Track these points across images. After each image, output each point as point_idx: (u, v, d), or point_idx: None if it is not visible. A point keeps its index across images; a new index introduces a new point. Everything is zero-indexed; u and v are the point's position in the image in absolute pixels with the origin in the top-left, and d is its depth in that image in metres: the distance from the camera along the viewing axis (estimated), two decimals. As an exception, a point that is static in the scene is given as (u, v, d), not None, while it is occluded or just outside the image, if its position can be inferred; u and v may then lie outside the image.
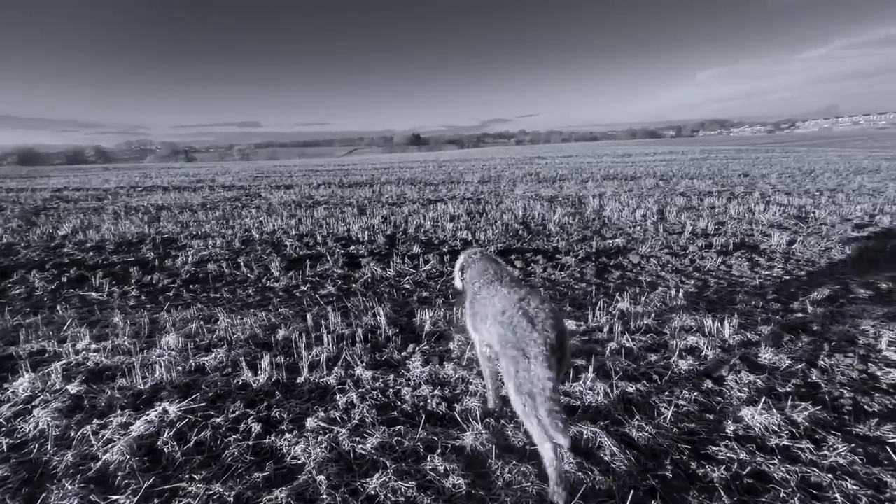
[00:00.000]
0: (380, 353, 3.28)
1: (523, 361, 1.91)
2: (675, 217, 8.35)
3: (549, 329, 1.95)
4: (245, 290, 5.00)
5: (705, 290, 4.59)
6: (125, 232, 8.14)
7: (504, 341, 2.03)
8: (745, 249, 6.03)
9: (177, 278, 5.34)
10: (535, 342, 1.91)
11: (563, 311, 4.04)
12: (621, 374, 2.90)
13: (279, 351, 3.35)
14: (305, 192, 14.59)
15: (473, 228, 7.81)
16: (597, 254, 6.04)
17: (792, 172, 17.27)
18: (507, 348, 1.99)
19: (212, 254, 6.44)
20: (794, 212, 8.55)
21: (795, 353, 3.12)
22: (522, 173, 19.89)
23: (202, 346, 3.47)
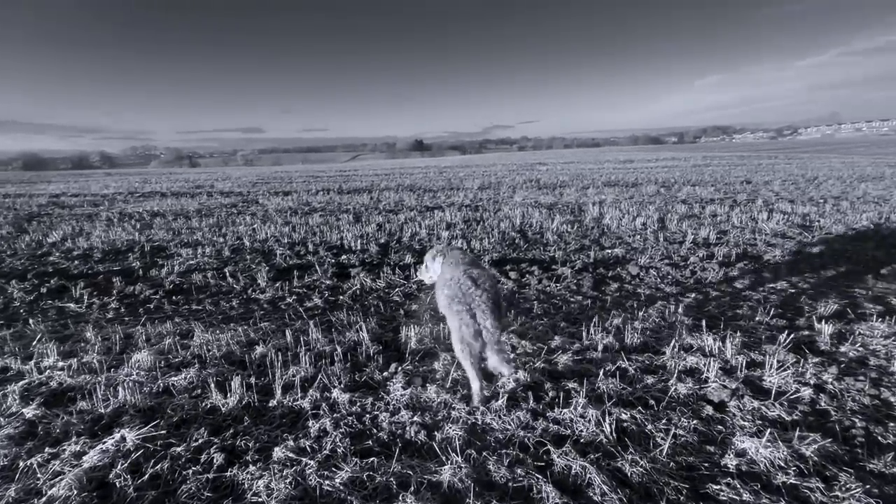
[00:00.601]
0: (360, 373, 3.10)
1: (466, 316, 2.50)
2: (675, 225, 8.16)
3: (490, 289, 2.63)
4: (229, 301, 4.83)
5: (706, 303, 4.40)
6: (115, 239, 8.00)
7: (451, 300, 2.59)
8: (747, 260, 5.83)
9: (160, 289, 5.18)
10: (479, 297, 2.54)
11: (557, 326, 3.85)
12: (615, 398, 2.70)
13: (254, 370, 3.17)
14: (303, 199, 14.47)
15: (469, 237, 7.63)
16: (594, 264, 5.85)
17: (795, 179, 17.07)
18: (454, 304, 2.56)
19: (200, 263, 6.28)
20: (799, 220, 8.34)
21: (802, 375, 2.92)
22: (523, 180, 19.75)
23: (174, 365, 3.29)
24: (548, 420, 2.52)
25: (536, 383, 2.87)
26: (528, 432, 2.43)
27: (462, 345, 2.53)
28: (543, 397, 2.73)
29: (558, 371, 3.07)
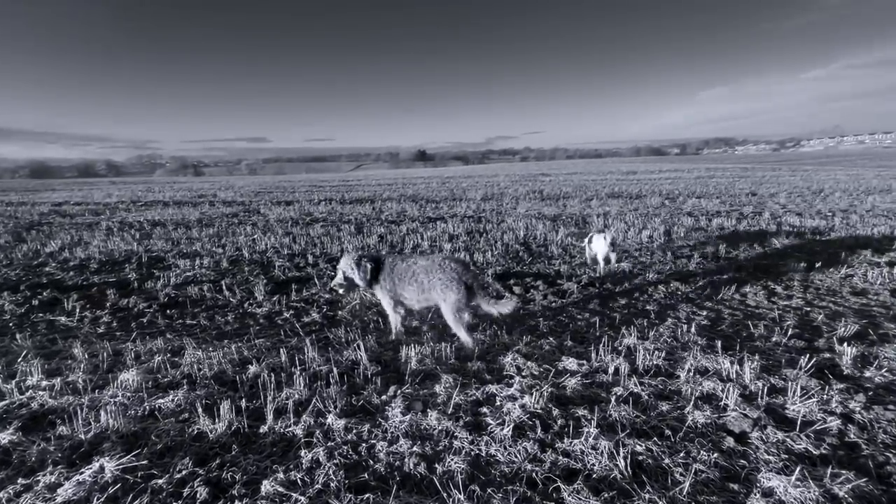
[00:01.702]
0: (357, 396, 2.93)
1: (456, 293, 3.45)
2: (683, 239, 8.00)
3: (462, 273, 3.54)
4: (224, 316, 4.68)
5: (719, 322, 4.22)
6: (113, 250, 7.90)
7: (434, 285, 3.50)
8: (759, 275, 5.65)
9: (154, 302, 5.04)
10: (456, 280, 3.47)
11: (564, 346, 3.68)
12: (629, 428, 2.53)
13: (245, 392, 3.01)
14: (305, 209, 14.39)
15: (472, 249, 7.49)
16: (601, 279, 5.69)
17: (801, 192, 16.92)
18: (444, 285, 3.48)
19: (196, 275, 6.15)
20: (808, 234, 8.17)
21: (828, 403, 2.74)
22: (526, 191, 19.66)
23: (162, 385, 3.14)
24: (557, 452, 2.34)
25: (544, 410, 2.70)
26: (535, 466, 2.25)
27: (455, 314, 3.47)
28: (552, 426, 2.56)
29: (567, 396, 2.90)
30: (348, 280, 3.66)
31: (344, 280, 3.67)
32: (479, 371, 3.25)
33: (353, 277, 3.66)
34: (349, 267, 3.66)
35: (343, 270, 3.68)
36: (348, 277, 3.66)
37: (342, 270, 3.69)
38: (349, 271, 3.65)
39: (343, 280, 3.67)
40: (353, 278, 3.66)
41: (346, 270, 3.66)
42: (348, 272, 3.65)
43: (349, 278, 3.66)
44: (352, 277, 3.66)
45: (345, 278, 3.66)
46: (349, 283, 3.67)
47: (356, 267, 3.64)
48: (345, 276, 3.66)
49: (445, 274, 3.50)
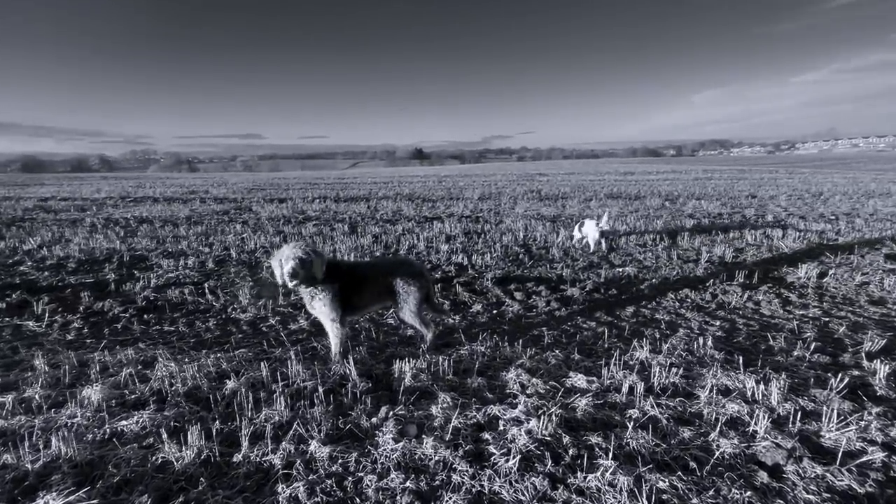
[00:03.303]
0: (344, 418, 2.63)
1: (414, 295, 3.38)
2: (687, 242, 7.75)
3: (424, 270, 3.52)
4: (206, 322, 4.37)
5: (734, 333, 3.96)
6: (95, 248, 7.53)
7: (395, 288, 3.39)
8: (771, 282, 5.41)
9: (131, 306, 4.71)
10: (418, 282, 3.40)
11: (571, 360, 3.40)
12: (649, 459, 2.25)
13: (220, 412, 2.70)
14: (298, 207, 14.04)
15: (470, 251, 7.20)
16: (606, 284, 5.42)
17: (801, 194, 16.75)
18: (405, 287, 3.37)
19: (179, 276, 5.82)
20: (815, 238, 7.94)
21: (866, 430, 2.48)
22: (524, 190, 19.39)
23: (129, 403, 2.83)
24: (570, 489, 2.06)
25: (553, 437, 2.41)
26: (546, 506, 1.97)
27: (415, 310, 3.41)
28: (562, 456, 2.28)
29: (577, 419, 2.61)
30: (305, 267, 2.97)
31: (300, 267, 2.95)
32: (480, 388, 2.96)
33: (311, 265, 3.01)
34: (308, 254, 3.00)
35: (300, 255, 2.97)
36: (309, 263, 2.99)
37: (298, 256, 2.96)
38: (308, 258, 2.99)
39: (298, 266, 2.94)
40: (310, 266, 3.01)
41: (305, 257, 2.98)
42: (307, 259, 2.99)
43: (308, 265, 2.99)
44: (309, 265, 3.00)
45: (302, 264, 2.96)
46: (305, 272, 2.98)
47: (316, 255, 3.04)
48: (303, 262, 2.96)
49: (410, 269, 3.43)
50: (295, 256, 3.00)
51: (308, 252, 3.03)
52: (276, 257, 3.13)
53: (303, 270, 2.99)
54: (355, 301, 3.30)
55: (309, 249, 3.04)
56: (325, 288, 3.15)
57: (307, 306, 3.28)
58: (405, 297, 3.40)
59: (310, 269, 3.02)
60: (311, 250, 3.05)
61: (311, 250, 3.05)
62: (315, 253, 3.06)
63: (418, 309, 3.44)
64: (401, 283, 3.38)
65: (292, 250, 3.04)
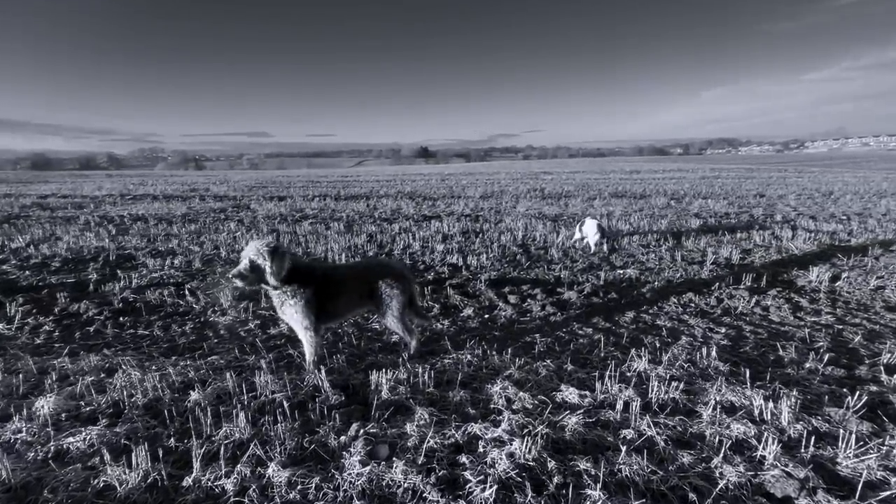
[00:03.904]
0: (311, 436, 2.41)
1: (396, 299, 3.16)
2: (692, 243, 7.46)
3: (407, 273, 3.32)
4: (183, 325, 4.17)
5: (741, 342, 3.69)
6: (84, 246, 7.38)
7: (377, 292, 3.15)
8: (780, 286, 5.13)
9: (107, 308, 4.52)
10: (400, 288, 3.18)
11: (563, 370, 3.16)
12: (643, 488, 2.01)
13: (176, 428, 2.49)
14: (297, 205, 13.87)
15: (466, 251, 6.96)
16: (605, 287, 5.17)
17: (810, 194, 16.36)
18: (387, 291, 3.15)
19: (163, 276, 5.64)
20: (827, 239, 7.63)
21: (888, 457, 2.22)
22: (527, 189, 19.11)
23: (82, 416, 2.62)
24: None
25: (537, 461, 2.18)
26: (524, 546, 1.74)
27: (399, 316, 3.20)
28: (546, 485, 2.04)
29: (566, 440, 2.37)
30: (255, 271, 2.79)
31: (250, 270, 2.78)
32: (462, 403, 2.73)
33: (263, 268, 2.79)
34: (261, 254, 2.79)
35: (251, 258, 2.79)
36: (257, 267, 2.79)
37: (249, 258, 2.79)
38: (260, 260, 2.78)
39: (248, 269, 2.78)
40: (263, 269, 2.79)
41: (256, 259, 2.79)
42: (259, 260, 2.78)
43: (258, 268, 2.79)
44: (262, 268, 2.79)
45: (252, 268, 2.78)
46: (256, 275, 2.80)
47: (270, 256, 2.79)
48: (252, 264, 2.78)
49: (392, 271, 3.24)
50: (247, 257, 2.79)
51: (264, 254, 2.79)
52: (249, 247, 2.91)
53: (252, 274, 2.79)
54: (331, 307, 3.07)
55: (266, 251, 2.79)
56: (296, 292, 2.91)
57: (277, 311, 3.04)
58: (387, 301, 3.17)
59: (261, 274, 2.80)
60: (270, 251, 2.80)
61: (270, 251, 2.80)
62: (273, 254, 2.80)
63: (401, 314, 3.21)
64: (382, 286, 3.15)
65: (248, 250, 2.82)
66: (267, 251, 2.80)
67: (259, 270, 2.79)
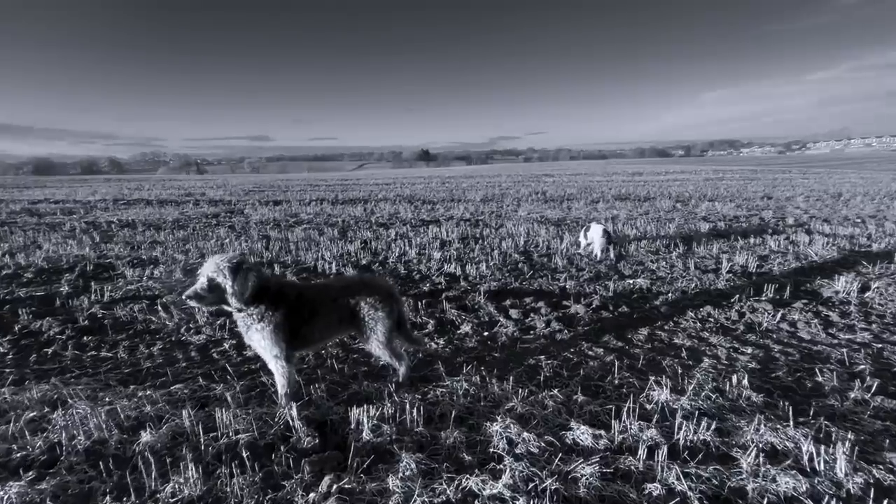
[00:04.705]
0: (274, 492, 2.02)
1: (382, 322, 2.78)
2: (704, 249, 7.06)
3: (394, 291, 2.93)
4: (151, 345, 3.78)
5: (771, 365, 3.29)
6: (62, 255, 7.01)
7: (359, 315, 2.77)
8: (805, 298, 4.72)
9: (72, 325, 4.14)
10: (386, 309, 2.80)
11: (573, 402, 2.76)
12: (679, 570, 1.61)
13: (114, 483, 2.10)
14: (292, 210, 13.51)
15: (465, 259, 6.57)
16: (615, 299, 4.77)
17: (819, 195, 15.93)
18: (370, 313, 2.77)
19: (139, 288, 5.26)
20: (846, 244, 7.22)
21: (975, 522, 1.82)
22: (528, 192, 18.72)
23: (11, 465, 2.23)
24: None
25: (546, 529, 1.78)
26: None
27: (385, 342, 2.81)
28: (558, 565, 1.65)
29: (579, 498, 1.98)
30: (214, 290, 2.40)
31: (207, 289, 2.39)
32: (457, 447, 2.33)
33: (224, 288, 2.40)
34: (221, 272, 2.39)
35: (210, 276, 2.40)
36: (216, 286, 2.40)
37: (207, 275, 2.40)
38: (220, 278, 2.39)
39: (206, 289, 2.39)
40: (223, 289, 2.40)
41: (216, 276, 2.39)
42: (219, 279, 2.39)
43: (217, 287, 2.40)
44: (222, 287, 2.40)
45: (210, 287, 2.39)
46: (215, 295, 2.41)
47: (232, 273, 2.39)
48: (211, 283, 2.39)
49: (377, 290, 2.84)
50: (205, 274, 2.39)
51: (225, 270, 2.39)
52: (208, 263, 2.52)
53: (211, 294, 2.39)
54: (305, 332, 2.67)
55: (228, 267, 2.39)
56: (263, 315, 2.52)
57: (244, 337, 2.65)
58: (371, 325, 2.78)
59: (222, 294, 2.41)
60: (232, 268, 2.39)
61: (232, 268, 2.39)
62: (236, 271, 2.40)
63: (387, 339, 2.82)
64: (364, 308, 2.76)
65: (207, 266, 2.43)
66: (228, 268, 2.40)
67: (219, 290, 2.40)
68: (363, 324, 2.76)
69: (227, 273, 2.39)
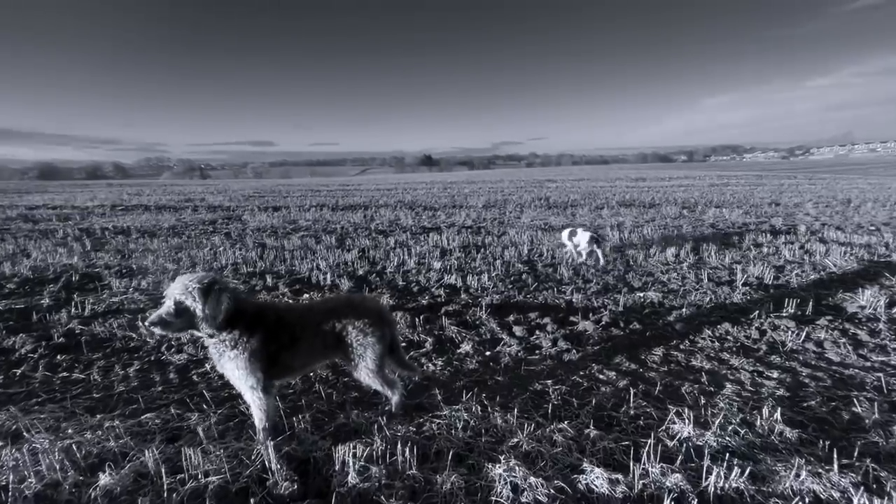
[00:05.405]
0: (243, 553, 1.75)
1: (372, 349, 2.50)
2: (716, 259, 6.77)
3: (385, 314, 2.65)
4: (129, 365, 3.52)
5: (801, 393, 3.00)
6: (51, 264, 6.77)
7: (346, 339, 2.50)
8: (829, 314, 4.42)
9: (46, 342, 3.88)
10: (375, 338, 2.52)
11: (585, 437, 2.47)
12: None
13: (60, 541, 1.83)
14: (291, 216, 13.27)
15: (466, 269, 6.30)
16: (625, 314, 4.48)
17: (828, 201, 15.62)
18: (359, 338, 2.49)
19: (124, 300, 5.00)
20: (864, 254, 6.91)
21: None
22: (531, 198, 18.46)
23: (-54, 514, 1.97)
24: None
25: None
26: None
27: (376, 369, 2.55)
28: None
29: (597, 563, 1.70)
30: (182, 315, 2.13)
31: (174, 314, 2.12)
32: (454, 493, 2.05)
33: (193, 312, 2.13)
34: (190, 294, 2.12)
35: (177, 298, 2.12)
36: (184, 310, 2.13)
37: (174, 298, 2.12)
38: (189, 301, 2.12)
39: (172, 313, 2.11)
40: (192, 313, 2.13)
41: (184, 299, 2.12)
42: (187, 302, 2.12)
43: (185, 311, 2.13)
44: (191, 311, 2.13)
45: (177, 311, 2.12)
46: (183, 320, 2.14)
47: (203, 295, 2.13)
48: (178, 307, 2.12)
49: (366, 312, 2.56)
50: (172, 297, 2.12)
51: (194, 293, 2.11)
52: (175, 284, 2.25)
53: (178, 319, 2.12)
54: (285, 359, 2.39)
55: (198, 289, 2.12)
56: (237, 341, 2.25)
57: (216, 365, 2.37)
58: (359, 351, 2.50)
59: (191, 319, 2.14)
60: (202, 289, 2.12)
61: (202, 289, 2.12)
62: (207, 293, 2.13)
63: (378, 366, 2.54)
64: (353, 332, 2.48)
65: (174, 287, 2.16)
66: (198, 289, 2.13)
67: (188, 314, 2.13)
68: (351, 350, 2.49)
69: (197, 295, 2.12)
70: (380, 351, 2.52)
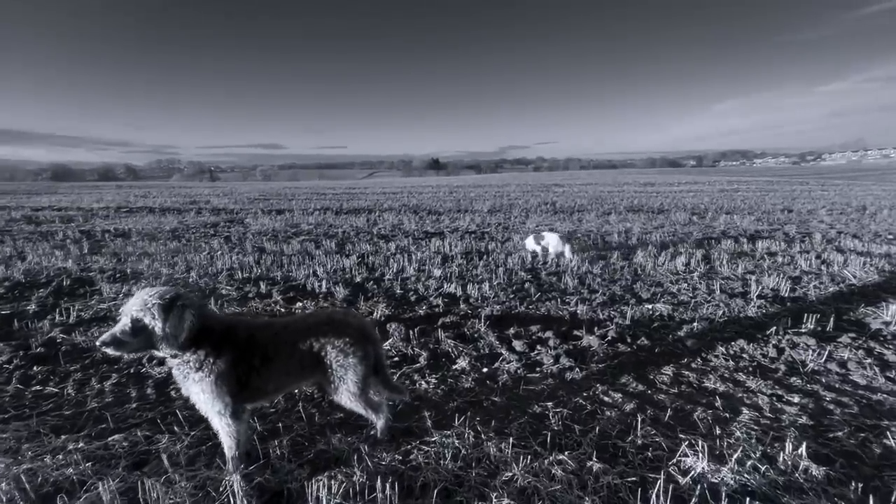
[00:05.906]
0: None
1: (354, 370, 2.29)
2: (728, 268, 6.48)
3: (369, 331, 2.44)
4: (106, 378, 3.34)
5: (825, 421, 2.74)
6: (45, 267, 6.66)
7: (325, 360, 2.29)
8: (852, 331, 4.14)
9: (24, 352, 3.72)
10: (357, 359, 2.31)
11: (587, 471, 2.24)
12: None
13: (-8, 590, 1.64)
14: (294, 220, 13.14)
15: (467, 277, 6.08)
16: (633, 328, 4.24)
17: (842, 208, 15.20)
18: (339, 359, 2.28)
19: (111, 307, 4.85)
20: (885, 265, 6.59)
21: None
22: (537, 202, 18.22)
23: None
24: None
25: None
26: None
27: (358, 392, 2.33)
28: None
29: None
30: (140, 333, 1.92)
31: (130, 333, 1.91)
32: (438, 538, 1.83)
33: (152, 330, 1.92)
34: (149, 311, 1.91)
35: (135, 315, 1.92)
36: (142, 329, 1.92)
37: (132, 315, 1.92)
38: (148, 318, 1.91)
39: (128, 332, 1.91)
40: (151, 332, 1.93)
41: (143, 317, 1.91)
42: (146, 319, 1.91)
43: (143, 330, 1.92)
44: (150, 330, 1.92)
45: (133, 330, 1.91)
46: (141, 339, 1.93)
47: (163, 313, 1.92)
48: (135, 325, 1.91)
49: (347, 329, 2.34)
50: (129, 314, 1.93)
51: (153, 309, 1.91)
52: (134, 300, 2.04)
53: (134, 339, 1.92)
54: (257, 382, 2.19)
55: (158, 305, 1.91)
56: (203, 362, 2.05)
57: (181, 388, 2.17)
58: (339, 373, 2.29)
59: (150, 338, 1.94)
60: (163, 306, 1.92)
61: (163, 306, 1.92)
62: (167, 309, 1.93)
63: (360, 389, 2.33)
64: (332, 352, 2.28)
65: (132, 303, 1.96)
66: (159, 305, 1.92)
67: (145, 333, 1.93)
68: (330, 372, 2.28)
69: (157, 312, 1.92)
70: (362, 372, 2.31)
